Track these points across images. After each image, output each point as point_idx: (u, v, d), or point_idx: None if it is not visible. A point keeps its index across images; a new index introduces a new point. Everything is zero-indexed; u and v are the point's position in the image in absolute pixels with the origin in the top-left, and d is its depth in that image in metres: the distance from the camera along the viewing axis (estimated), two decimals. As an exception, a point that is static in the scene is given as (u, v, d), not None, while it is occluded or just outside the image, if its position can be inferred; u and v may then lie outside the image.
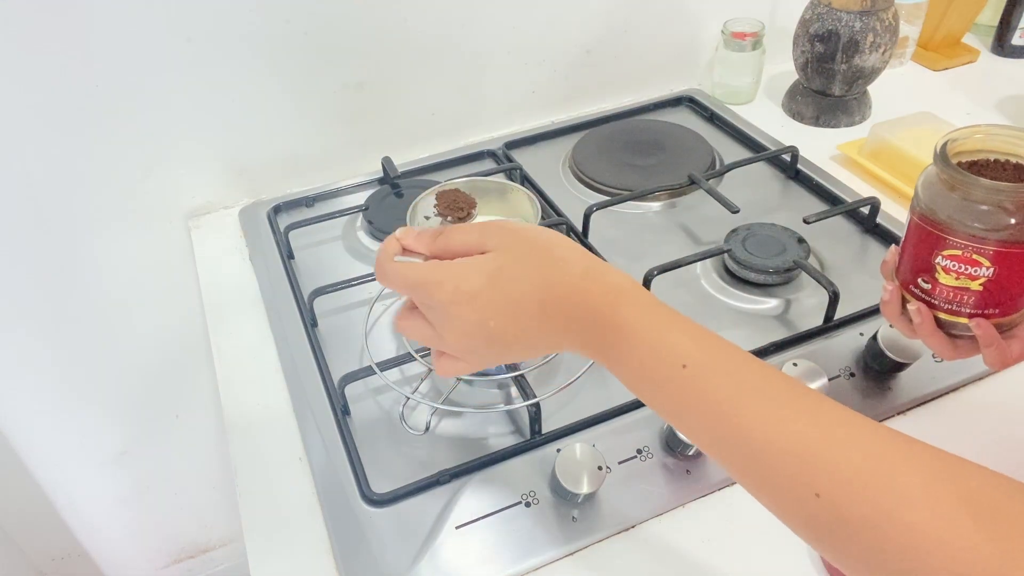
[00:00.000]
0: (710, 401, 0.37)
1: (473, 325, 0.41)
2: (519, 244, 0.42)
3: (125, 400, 1.04)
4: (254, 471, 0.61)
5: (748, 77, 1.03)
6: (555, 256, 0.41)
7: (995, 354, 0.46)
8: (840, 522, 0.33)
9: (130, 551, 1.26)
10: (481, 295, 0.41)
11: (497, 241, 0.42)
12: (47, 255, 0.86)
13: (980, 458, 0.34)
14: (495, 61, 0.95)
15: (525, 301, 0.41)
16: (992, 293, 0.44)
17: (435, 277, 0.41)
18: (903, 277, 0.49)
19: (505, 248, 0.42)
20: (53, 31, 0.73)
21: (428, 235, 0.45)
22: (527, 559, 0.52)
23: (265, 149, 0.90)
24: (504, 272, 0.41)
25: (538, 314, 0.41)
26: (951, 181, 0.44)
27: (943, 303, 0.46)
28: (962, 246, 0.43)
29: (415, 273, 0.42)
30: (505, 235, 0.42)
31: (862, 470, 0.33)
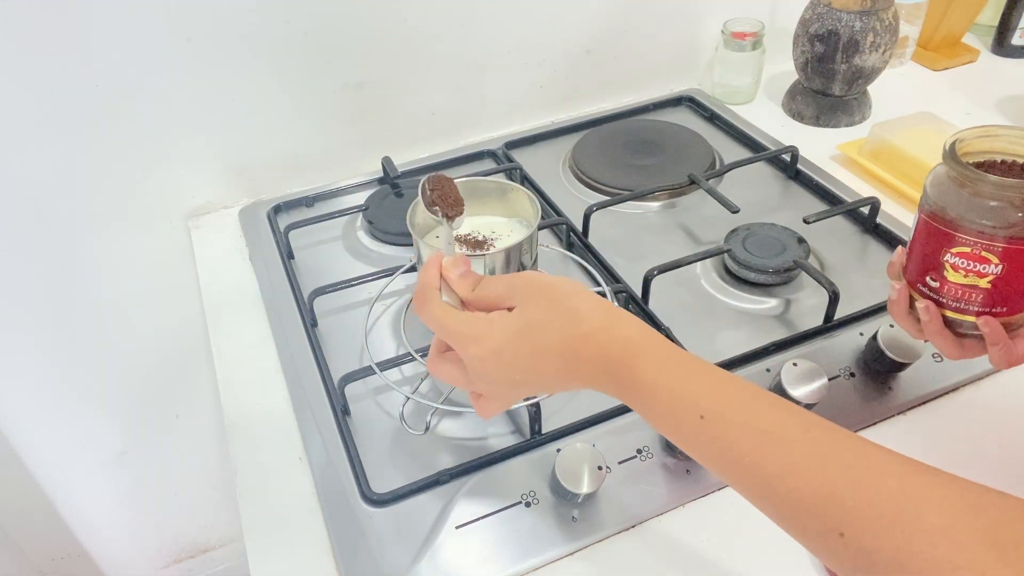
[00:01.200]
0: (731, 452, 0.38)
1: (502, 378, 0.44)
2: (542, 300, 0.43)
3: (125, 400, 1.04)
4: (254, 471, 0.61)
5: (748, 77, 1.03)
6: (576, 312, 0.43)
7: (1001, 353, 0.46)
8: (866, 561, 0.33)
9: (130, 551, 1.26)
10: (506, 352, 0.43)
11: (523, 297, 0.44)
12: (47, 255, 0.86)
13: (980, 458, 0.35)
14: (495, 61, 0.95)
15: (548, 355, 0.42)
16: (1000, 291, 0.44)
17: (468, 331, 0.44)
18: (911, 276, 0.49)
19: (528, 303, 0.43)
20: (53, 31, 0.73)
21: (468, 282, 0.47)
22: (527, 559, 0.52)
23: (265, 149, 0.90)
24: (529, 327, 0.43)
25: (561, 367, 0.43)
26: (960, 178, 0.44)
27: (951, 301, 0.46)
28: (971, 243, 0.43)
29: (453, 324, 0.44)
30: (531, 291, 0.44)
31: (886, 510, 0.33)
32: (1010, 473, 0.56)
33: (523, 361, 0.43)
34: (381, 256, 0.82)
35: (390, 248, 0.83)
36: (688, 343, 0.66)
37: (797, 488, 0.35)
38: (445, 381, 0.48)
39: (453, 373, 0.46)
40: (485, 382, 0.45)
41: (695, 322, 0.70)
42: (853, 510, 0.33)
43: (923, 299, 0.48)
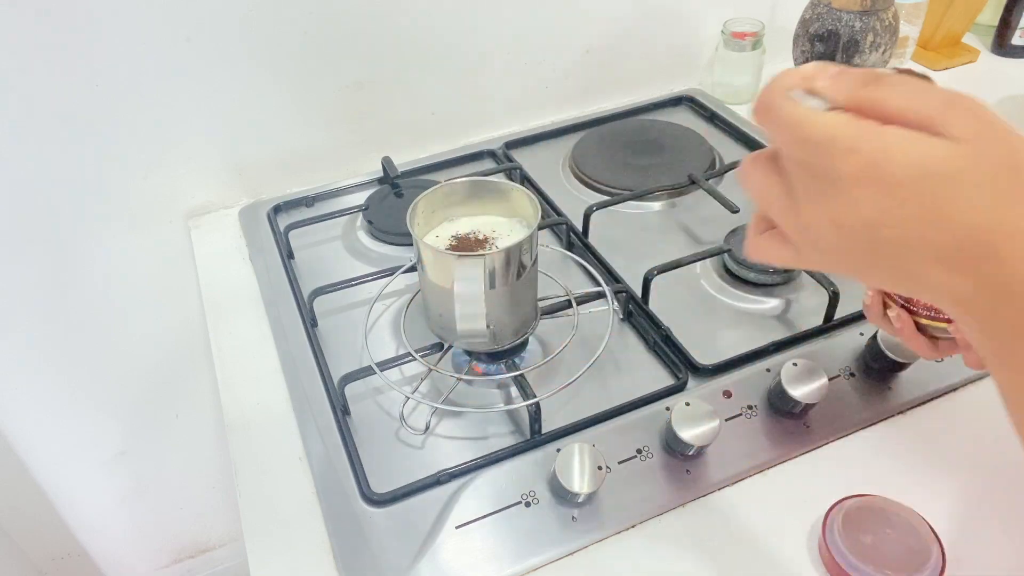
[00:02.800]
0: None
1: (860, 222, 0.29)
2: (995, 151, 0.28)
3: (125, 400, 1.04)
4: (254, 471, 0.61)
5: (748, 77, 1.03)
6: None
7: (974, 356, 0.44)
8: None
9: (130, 551, 1.26)
10: (900, 190, 0.28)
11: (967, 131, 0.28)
12: (47, 255, 0.86)
13: (980, 458, 0.34)
14: (495, 61, 0.95)
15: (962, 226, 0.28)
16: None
17: (848, 137, 0.29)
18: None
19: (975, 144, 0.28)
20: (53, 31, 0.73)
21: (858, 78, 0.31)
22: (527, 559, 0.52)
23: (265, 149, 0.90)
24: (954, 179, 0.28)
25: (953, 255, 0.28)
26: None
27: (922, 309, 0.47)
28: None
29: (820, 123, 0.30)
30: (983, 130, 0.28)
31: None
32: (1010, 473, 0.56)
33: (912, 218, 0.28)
34: (381, 256, 0.82)
35: (390, 248, 0.83)
36: (688, 343, 0.66)
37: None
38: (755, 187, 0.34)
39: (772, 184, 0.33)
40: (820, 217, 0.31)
41: (695, 322, 0.70)
42: None
43: (895, 306, 0.48)
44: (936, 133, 0.28)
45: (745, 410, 0.60)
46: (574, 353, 0.66)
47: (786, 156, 0.32)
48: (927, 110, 0.29)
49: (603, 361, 0.65)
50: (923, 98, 0.29)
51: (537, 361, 0.67)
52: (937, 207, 0.28)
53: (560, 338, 0.68)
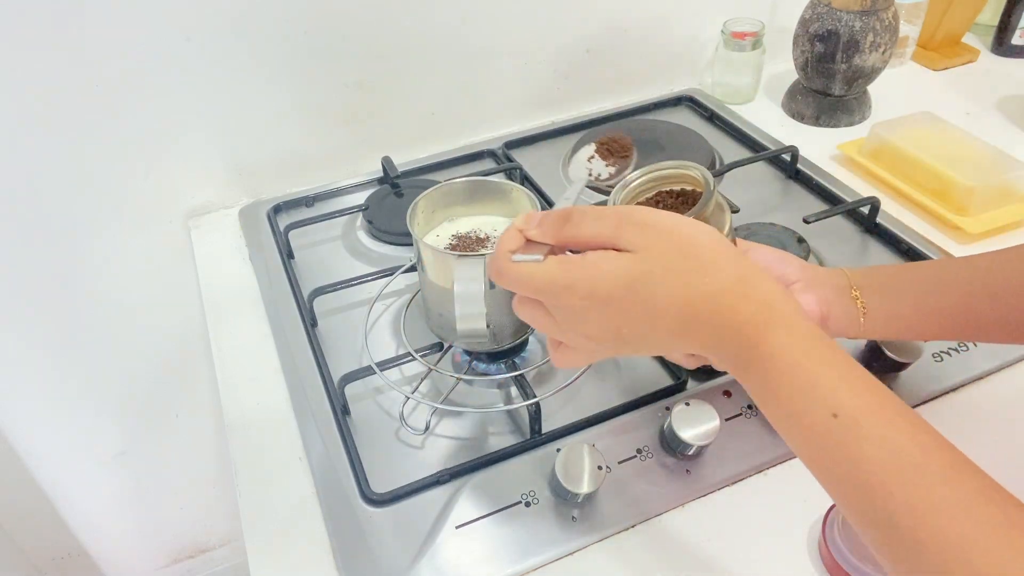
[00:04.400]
0: (859, 468, 0.33)
1: (603, 331, 0.39)
2: (664, 248, 0.37)
3: (125, 400, 1.04)
4: (254, 471, 0.61)
5: (748, 77, 1.03)
6: (704, 262, 0.37)
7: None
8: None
9: (130, 551, 1.26)
10: (615, 302, 0.37)
11: (638, 242, 0.37)
12: (47, 255, 0.86)
13: (980, 458, 0.34)
14: (495, 61, 0.95)
15: (666, 313, 0.37)
16: None
17: (565, 280, 0.37)
18: None
19: (647, 251, 0.37)
20: (52, 31, 0.73)
21: (554, 221, 0.39)
22: (527, 559, 0.52)
23: (265, 149, 0.90)
24: (645, 279, 0.37)
25: (677, 327, 0.37)
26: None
27: None
28: None
29: (540, 276, 0.38)
30: (649, 235, 0.37)
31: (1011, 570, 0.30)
32: (1010, 473, 0.56)
33: (635, 314, 0.37)
34: (381, 256, 0.82)
35: (390, 248, 0.83)
36: (688, 343, 0.66)
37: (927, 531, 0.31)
38: (530, 323, 0.42)
39: (543, 318, 0.41)
40: (578, 333, 0.39)
41: (695, 322, 0.70)
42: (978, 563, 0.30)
43: None
44: (620, 249, 0.37)
45: (745, 410, 0.60)
46: (574, 353, 0.66)
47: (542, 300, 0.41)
48: (607, 232, 0.38)
49: (603, 361, 0.65)
50: (601, 224, 0.38)
51: (537, 361, 0.67)
52: (650, 303, 0.37)
53: (560, 338, 0.68)
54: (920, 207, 0.82)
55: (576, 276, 0.37)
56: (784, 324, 0.36)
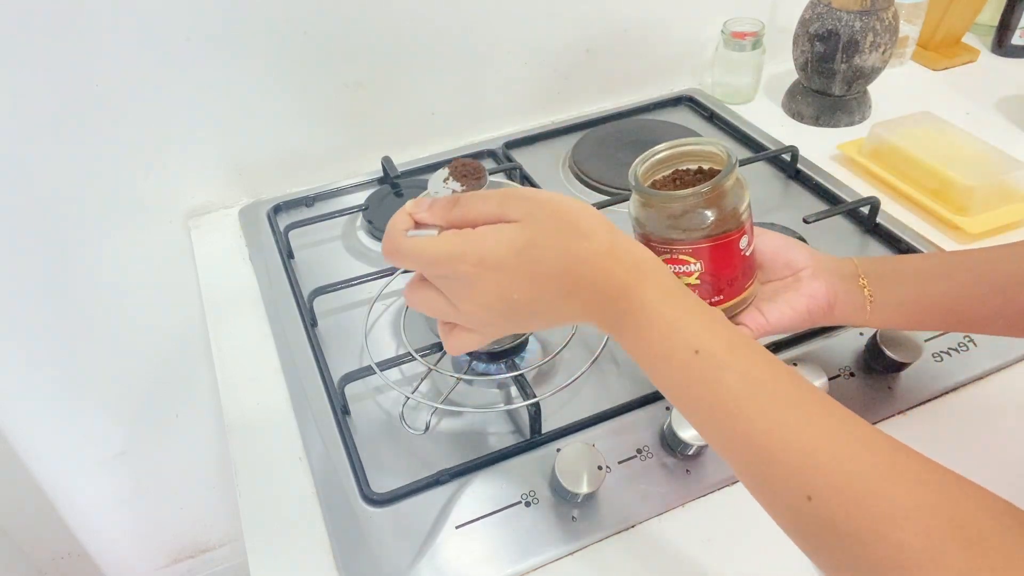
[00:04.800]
0: (717, 393, 0.37)
1: (495, 298, 0.41)
2: (545, 216, 0.40)
3: (125, 400, 1.04)
4: (254, 471, 0.61)
5: (748, 77, 1.03)
6: (581, 230, 0.40)
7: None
8: (829, 529, 0.33)
9: (130, 551, 1.26)
10: (506, 267, 0.39)
11: (522, 212, 0.40)
12: (47, 255, 0.86)
13: (980, 458, 0.35)
14: (495, 61, 0.95)
15: (551, 275, 0.40)
16: (711, 283, 0.50)
17: (457, 250, 0.40)
18: None
19: (531, 219, 0.40)
20: (52, 31, 0.73)
21: (443, 205, 0.42)
22: (527, 559, 0.52)
23: (265, 149, 0.90)
24: (531, 245, 0.39)
25: (562, 289, 0.40)
26: (640, 200, 0.50)
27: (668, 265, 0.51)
28: (668, 250, 0.49)
29: (434, 248, 0.40)
30: (530, 206, 0.40)
31: (857, 481, 0.33)
32: (1010, 473, 0.56)
33: (524, 278, 0.40)
34: (381, 256, 0.82)
35: (390, 248, 0.83)
36: (688, 343, 0.66)
37: (778, 444, 0.35)
38: (421, 310, 0.44)
39: (434, 299, 0.43)
40: (475, 307, 0.41)
41: (695, 322, 0.70)
42: (827, 476, 0.33)
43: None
44: (509, 221, 0.40)
45: (745, 410, 0.60)
46: (574, 353, 0.66)
47: (428, 276, 0.43)
48: (493, 209, 0.41)
49: (603, 361, 0.65)
50: (488, 203, 0.41)
51: (537, 361, 0.67)
52: (537, 267, 0.39)
53: (560, 338, 0.68)
54: (920, 207, 0.82)
55: (468, 245, 0.40)
56: (653, 281, 0.40)
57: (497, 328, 0.44)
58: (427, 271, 0.43)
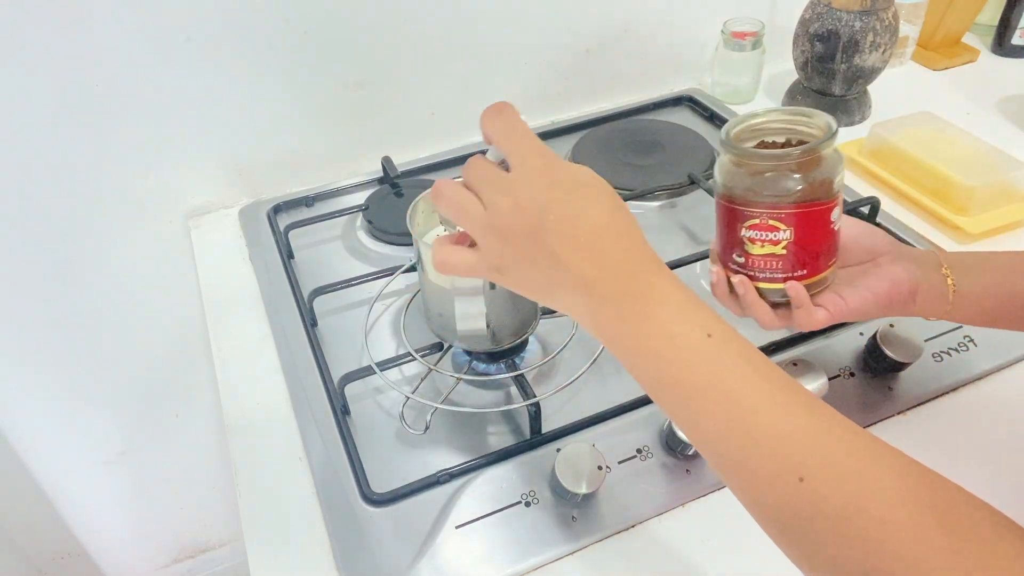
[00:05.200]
0: (721, 377, 0.38)
1: (533, 203, 0.40)
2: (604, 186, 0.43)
3: (125, 400, 1.04)
4: (254, 471, 0.61)
5: (748, 77, 1.03)
6: (620, 203, 0.42)
7: (803, 315, 0.50)
8: (815, 508, 0.34)
9: (130, 551, 1.26)
10: (564, 185, 0.41)
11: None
12: (47, 255, 0.86)
13: (980, 458, 0.35)
14: (495, 61, 0.95)
15: (592, 218, 0.40)
16: (796, 255, 0.48)
17: (534, 146, 0.42)
18: (722, 257, 0.52)
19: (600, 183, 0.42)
20: (53, 31, 0.73)
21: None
22: (527, 559, 0.52)
23: (265, 149, 0.90)
24: (593, 185, 0.41)
25: (591, 239, 0.40)
26: (736, 159, 0.48)
27: (758, 272, 0.50)
28: (759, 215, 0.47)
29: (527, 133, 0.42)
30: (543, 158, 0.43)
31: (849, 462, 0.34)
32: (1011, 473, 0.56)
33: (569, 205, 0.40)
34: (381, 256, 0.82)
35: (390, 248, 0.83)
36: (688, 343, 0.66)
37: (773, 424, 0.36)
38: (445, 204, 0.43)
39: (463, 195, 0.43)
40: (504, 206, 0.41)
41: (695, 322, 0.70)
42: (818, 456, 0.34)
43: (736, 275, 0.51)
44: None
45: (745, 410, 0.60)
46: (574, 353, 0.66)
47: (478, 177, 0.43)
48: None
49: (603, 361, 0.65)
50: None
51: (537, 361, 0.67)
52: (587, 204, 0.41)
53: (560, 338, 0.68)
54: (920, 207, 0.82)
55: (551, 154, 0.42)
56: (666, 273, 0.41)
57: (499, 254, 0.42)
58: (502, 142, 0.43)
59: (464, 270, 0.45)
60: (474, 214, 0.42)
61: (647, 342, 0.39)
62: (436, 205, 0.44)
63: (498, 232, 0.42)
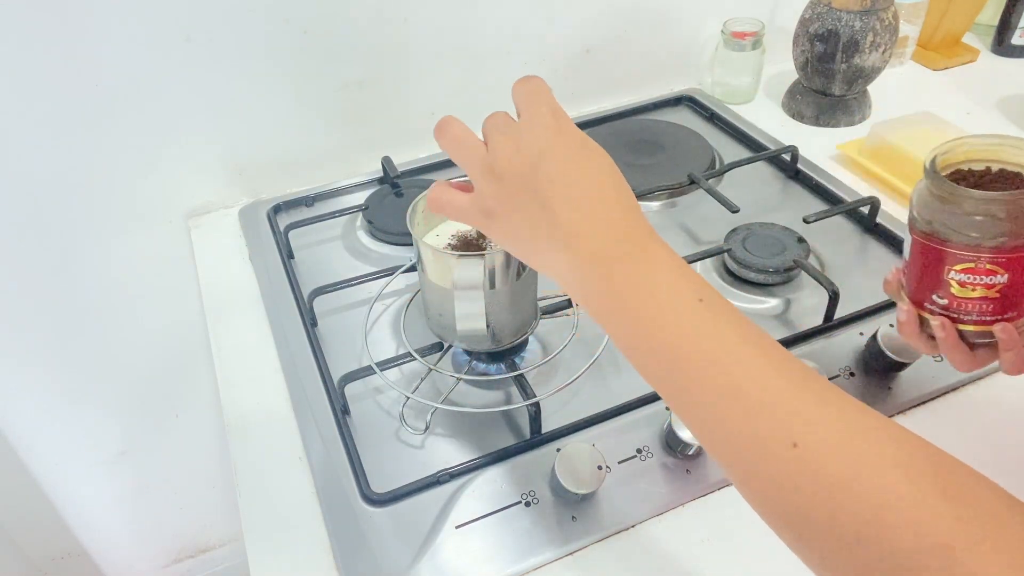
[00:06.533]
0: (715, 341, 0.37)
1: (534, 146, 0.41)
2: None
3: (125, 400, 1.04)
4: (254, 471, 0.61)
5: (748, 77, 1.03)
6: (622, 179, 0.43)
7: (1014, 358, 0.46)
8: (811, 476, 0.32)
9: (130, 551, 1.26)
10: (569, 138, 0.41)
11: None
12: (47, 255, 0.86)
13: (980, 458, 0.35)
14: (495, 61, 0.95)
15: (591, 175, 0.41)
16: (1009, 297, 0.44)
17: (551, 105, 0.43)
18: (915, 296, 0.48)
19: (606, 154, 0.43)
20: (53, 31, 0.73)
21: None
22: (527, 559, 0.52)
23: (265, 149, 0.90)
24: (591, 150, 0.42)
25: (585, 194, 0.40)
26: (945, 196, 0.44)
27: (963, 315, 0.46)
28: (973, 259, 0.43)
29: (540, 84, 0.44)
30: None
31: (844, 430, 0.33)
32: (1011, 473, 0.56)
33: (571, 158, 0.41)
34: (381, 256, 0.82)
35: (390, 248, 0.83)
36: (688, 343, 0.66)
37: (764, 392, 0.35)
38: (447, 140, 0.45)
39: (466, 134, 0.45)
40: (508, 147, 0.41)
41: (695, 322, 0.70)
42: (812, 421, 0.33)
43: (936, 316, 0.47)
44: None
45: (745, 410, 0.60)
46: (574, 353, 0.66)
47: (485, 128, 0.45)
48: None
49: (603, 361, 0.65)
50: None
51: (537, 361, 0.67)
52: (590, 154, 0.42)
53: (560, 338, 0.68)
54: (920, 207, 0.82)
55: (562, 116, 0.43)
56: (657, 239, 0.40)
57: (495, 194, 0.42)
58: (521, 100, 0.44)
59: (454, 211, 0.45)
60: (474, 152, 0.43)
61: (637, 305, 0.38)
62: (438, 141, 0.45)
63: (494, 171, 0.42)
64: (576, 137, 0.42)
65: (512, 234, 0.43)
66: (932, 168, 0.45)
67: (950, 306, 0.46)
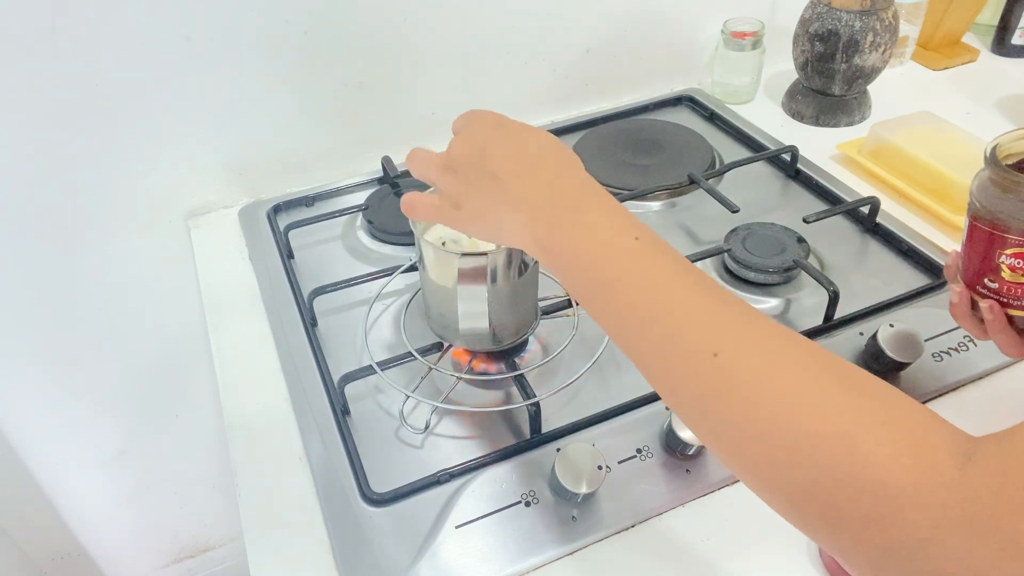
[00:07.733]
0: (652, 274, 0.40)
1: (478, 137, 0.47)
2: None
3: (125, 400, 1.04)
4: (254, 471, 0.61)
5: (748, 76, 1.03)
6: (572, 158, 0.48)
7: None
8: (728, 383, 0.36)
9: (130, 551, 1.26)
10: (509, 127, 0.48)
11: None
12: (47, 255, 0.86)
13: (980, 457, 0.34)
14: (495, 60, 0.95)
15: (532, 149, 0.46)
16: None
17: (491, 113, 0.51)
18: (969, 279, 0.50)
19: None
20: (53, 31, 0.73)
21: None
22: (527, 559, 0.52)
23: (265, 148, 0.90)
24: (533, 133, 0.48)
25: (530, 164, 0.45)
26: (1004, 183, 0.46)
27: (1013, 299, 0.48)
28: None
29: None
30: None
31: (756, 340, 0.37)
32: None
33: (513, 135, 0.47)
34: (381, 256, 0.82)
35: (390, 248, 0.83)
36: (688, 343, 0.66)
37: (692, 310, 0.38)
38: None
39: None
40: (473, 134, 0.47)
41: (695, 322, 0.70)
42: (731, 334, 0.37)
43: (985, 299, 0.49)
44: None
45: (745, 410, 0.60)
46: (574, 353, 0.66)
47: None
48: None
49: (603, 361, 0.65)
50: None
51: (537, 361, 0.67)
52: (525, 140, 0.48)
53: (560, 338, 0.68)
54: (920, 207, 0.82)
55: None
56: (595, 188, 0.45)
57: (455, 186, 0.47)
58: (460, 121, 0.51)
59: (425, 210, 0.50)
60: (431, 158, 0.49)
61: (580, 247, 0.42)
62: (408, 166, 0.50)
63: (449, 168, 0.47)
64: (515, 124, 0.48)
65: (478, 215, 0.47)
66: (993, 155, 0.47)
67: (1000, 290, 0.48)
